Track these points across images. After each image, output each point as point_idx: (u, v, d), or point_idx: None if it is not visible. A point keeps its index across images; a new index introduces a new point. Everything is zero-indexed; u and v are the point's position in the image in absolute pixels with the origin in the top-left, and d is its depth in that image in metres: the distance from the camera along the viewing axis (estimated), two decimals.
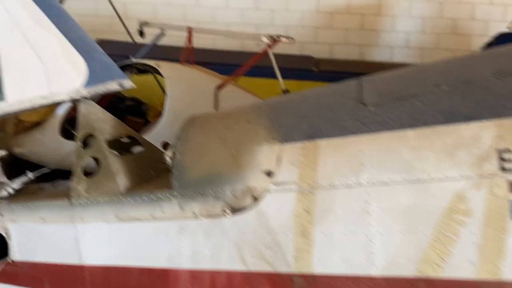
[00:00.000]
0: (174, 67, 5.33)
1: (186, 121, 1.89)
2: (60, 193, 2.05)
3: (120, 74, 2.10)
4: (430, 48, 7.51)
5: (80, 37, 2.10)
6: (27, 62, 2.08)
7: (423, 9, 7.28)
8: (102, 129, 2.05)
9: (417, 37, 7.48)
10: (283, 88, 5.39)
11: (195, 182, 1.73)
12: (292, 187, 1.59)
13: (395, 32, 7.44)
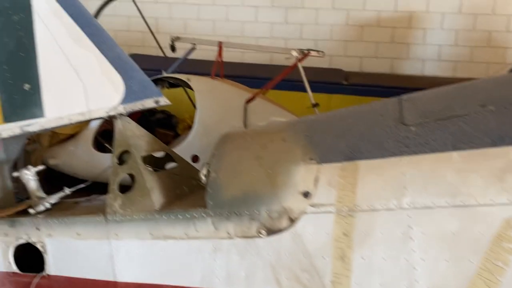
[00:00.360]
0: (204, 81, 5.38)
1: (220, 138, 1.88)
2: (95, 209, 2.07)
3: (156, 91, 2.13)
4: (463, 61, 7.33)
5: (118, 55, 2.13)
6: (67, 80, 2.13)
7: (456, 21, 7.13)
8: (137, 145, 2.06)
9: (450, 50, 7.32)
10: (313, 102, 5.36)
11: (229, 201, 1.71)
12: (330, 209, 1.55)
13: (427, 45, 7.31)
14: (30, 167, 2.24)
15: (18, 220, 2.16)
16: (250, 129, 1.92)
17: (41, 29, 2.14)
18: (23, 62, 2.17)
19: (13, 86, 2.18)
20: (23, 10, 2.15)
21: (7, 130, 2.22)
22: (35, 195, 2.20)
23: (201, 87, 5.19)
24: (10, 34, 2.17)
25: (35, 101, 2.16)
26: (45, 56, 2.14)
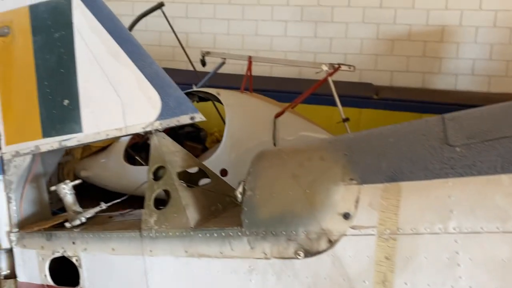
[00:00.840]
0: (234, 95, 5.40)
1: (256, 156, 1.86)
2: (130, 224, 2.07)
3: (192, 108, 2.13)
4: (498, 75, 7.14)
5: (155, 72, 2.16)
6: (105, 96, 2.16)
7: (490, 35, 6.96)
8: (173, 161, 2.07)
9: (484, 64, 7.14)
10: (343, 117, 5.30)
11: (266, 220, 1.69)
12: (372, 231, 1.50)
13: (460, 59, 7.15)
14: (68, 181, 2.28)
15: (54, 234, 2.19)
16: (285, 147, 1.89)
17: (81, 46, 2.19)
18: (63, 78, 2.22)
19: (52, 102, 2.24)
20: (64, 28, 2.21)
21: (46, 145, 2.27)
22: (71, 209, 2.23)
23: (230, 101, 5.21)
24: (51, 51, 2.24)
25: (73, 116, 2.20)
26: (84, 72, 2.19)
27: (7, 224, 2.37)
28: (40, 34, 2.25)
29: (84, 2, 2.20)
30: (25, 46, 2.27)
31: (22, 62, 2.29)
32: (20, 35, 2.28)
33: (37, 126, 2.27)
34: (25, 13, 2.26)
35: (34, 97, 2.27)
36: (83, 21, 2.19)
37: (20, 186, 2.40)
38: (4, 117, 2.34)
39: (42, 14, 2.23)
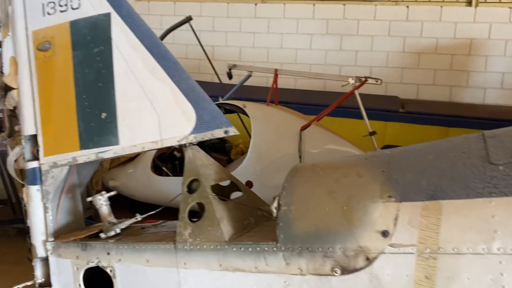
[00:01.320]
0: (260, 107, 5.44)
1: (291, 170, 1.86)
2: (165, 236, 2.10)
3: (226, 122, 2.15)
4: None
5: (191, 87, 2.19)
6: (142, 110, 2.21)
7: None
8: (206, 174, 2.09)
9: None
10: (370, 130, 5.26)
11: (302, 236, 1.68)
12: (411, 250, 1.48)
13: (488, 72, 7.04)
14: (104, 192, 2.32)
15: (90, 244, 2.23)
16: (319, 162, 1.89)
17: (119, 60, 2.25)
18: (101, 91, 2.27)
19: (91, 115, 2.29)
20: (103, 43, 2.27)
21: (83, 156, 2.32)
22: (106, 220, 2.27)
23: (256, 114, 5.25)
24: (90, 65, 2.30)
25: (111, 129, 2.25)
26: (122, 86, 2.24)
27: (43, 233, 2.43)
28: (80, 49, 2.31)
29: (123, 18, 2.26)
30: (65, 61, 2.34)
31: (61, 76, 2.35)
32: (61, 50, 2.35)
33: (75, 138, 2.33)
34: (65, 28, 2.33)
35: (72, 110, 2.33)
36: (122, 36, 2.25)
37: (56, 197, 2.45)
38: (43, 129, 2.40)
39: (82, 30, 2.30)
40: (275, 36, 7.58)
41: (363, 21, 7.17)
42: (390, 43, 7.11)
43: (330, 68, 7.27)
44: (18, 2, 2.41)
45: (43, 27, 2.38)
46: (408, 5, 6.93)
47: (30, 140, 2.46)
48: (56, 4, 2.35)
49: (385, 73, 7.00)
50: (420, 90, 7.17)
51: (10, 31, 2.47)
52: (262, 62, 7.53)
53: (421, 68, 7.11)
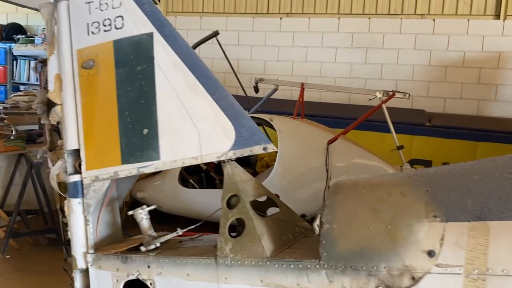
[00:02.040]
0: (286, 121, 5.48)
1: (332, 188, 1.88)
2: (205, 251, 2.13)
3: (265, 139, 2.19)
4: None
5: (230, 104, 2.24)
6: (182, 126, 2.27)
7: None
8: (245, 190, 2.13)
9: None
10: (397, 144, 5.23)
11: (345, 254, 1.70)
12: (458, 270, 1.48)
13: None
14: (144, 206, 2.38)
15: (130, 257, 2.28)
16: (361, 180, 1.90)
17: (161, 79, 2.32)
18: (143, 108, 2.35)
19: (133, 130, 2.36)
20: (146, 61, 2.35)
21: (125, 171, 2.39)
22: (147, 234, 2.32)
23: (283, 127, 5.28)
24: (132, 83, 2.38)
25: (152, 145, 2.32)
26: (164, 103, 2.31)
27: (84, 245, 2.49)
28: (123, 67, 2.39)
29: (165, 37, 2.34)
30: (109, 78, 2.42)
31: (105, 92, 2.44)
32: (104, 68, 2.43)
33: (117, 153, 2.40)
34: (109, 47, 2.42)
35: (115, 126, 2.40)
36: (164, 55, 2.32)
37: (97, 209, 2.52)
38: (85, 144, 2.48)
39: (125, 49, 2.38)
40: (299, 50, 7.64)
41: (388, 34, 7.17)
42: (416, 56, 7.08)
43: (355, 81, 7.27)
44: (63, 22, 2.51)
45: (88, 46, 2.47)
46: (435, 18, 6.91)
47: (72, 154, 2.54)
48: (100, 24, 2.44)
49: (411, 86, 6.96)
50: (447, 103, 7.10)
51: (56, 49, 2.57)
52: (286, 75, 7.59)
53: (448, 81, 7.05)
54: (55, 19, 2.56)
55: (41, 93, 2.98)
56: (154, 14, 2.37)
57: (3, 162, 5.46)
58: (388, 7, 7.10)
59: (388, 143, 6.30)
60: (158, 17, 2.37)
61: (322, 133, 5.28)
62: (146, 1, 2.38)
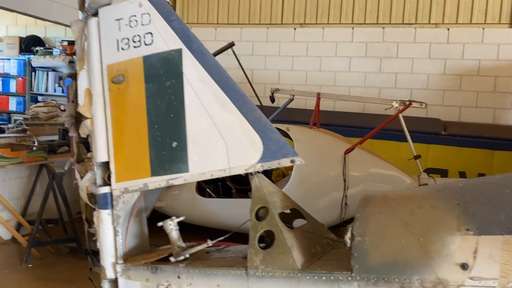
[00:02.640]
0: (303, 130, 5.52)
1: (362, 201, 1.92)
2: (234, 261, 2.17)
3: (292, 151, 2.24)
4: None
5: (258, 118, 2.29)
6: (211, 139, 2.32)
7: None
8: (273, 202, 2.17)
9: None
10: (414, 154, 5.24)
11: (378, 267, 1.72)
12: (493, 283, 1.50)
13: None
14: (174, 217, 2.43)
15: (160, 267, 2.33)
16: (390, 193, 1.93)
17: (190, 93, 2.38)
18: (173, 122, 2.40)
19: (162, 143, 2.42)
20: (175, 77, 2.41)
21: (154, 183, 2.45)
22: (176, 244, 2.37)
23: (300, 137, 5.32)
24: (162, 97, 2.44)
25: (181, 157, 2.37)
26: (193, 117, 2.36)
27: (113, 256, 2.55)
28: (152, 82, 2.46)
29: (193, 53, 2.40)
30: (138, 93, 2.49)
31: (134, 106, 2.50)
32: (134, 83, 2.50)
33: (146, 165, 2.46)
34: (139, 63, 2.49)
35: (144, 139, 2.46)
36: (192, 70, 2.38)
37: (126, 221, 2.58)
38: (115, 156, 2.54)
39: (155, 64, 2.45)
40: (313, 59, 7.69)
41: (402, 43, 7.20)
42: (430, 65, 7.10)
43: (370, 90, 7.30)
44: (94, 39, 2.59)
45: (117, 61, 2.54)
46: (449, 27, 6.93)
47: (101, 167, 2.61)
48: (130, 40, 2.51)
49: (425, 95, 6.97)
50: (462, 112, 7.09)
51: (86, 64, 2.65)
52: (300, 85, 7.65)
53: (463, 90, 7.04)
54: (85, 35, 2.64)
55: (69, 106, 3.07)
56: (183, 31, 2.44)
57: (24, 172, 5.57)
58: (402, 17, 7.14)
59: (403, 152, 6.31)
60: (187, 34, 2.44)
61: (339, 143, 5.31)
62: (174, 18, 2.45)
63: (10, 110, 8.84)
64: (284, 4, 7.72)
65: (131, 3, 2.49)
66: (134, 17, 2.49)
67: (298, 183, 5.24)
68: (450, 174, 6.46)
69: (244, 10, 7.91)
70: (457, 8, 6.88)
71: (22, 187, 5.59)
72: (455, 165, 6.47)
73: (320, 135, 5.42)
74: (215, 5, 8.05)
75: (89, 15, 2.61)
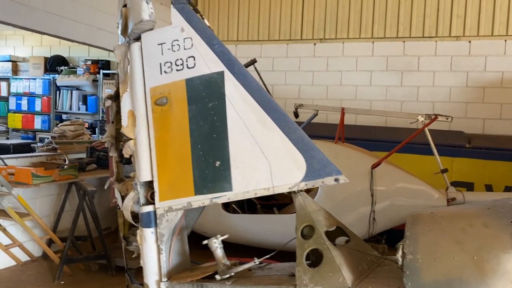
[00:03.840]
0: (328, 145, 5.53)
1: (410, 219, 1.94)
2: (279, 279, 2.20)
3: (336, 170, 2.28)
4: None
5: (300, 137, 2.35)
6: (254, 159, 2.38)
7: None
8: (319, 221, 2.20)
9: None
10: (441, 168, 5.23)
11: (431, 284, 1.74)
12: None
13: None
14: (219, 235, 2.47)
15: (206, 285, 2.38)
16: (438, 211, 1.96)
17: (232, 114, 2.44)
18: (216, 142, 2.47)
19: (205, 163, 2.48)
20: (217, 98, 2.48)
21: (198, 201, 2.50)
22: (221, 262, 2.41)
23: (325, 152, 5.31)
24: (205, 118, 2.51)
25: (224, 176, 2.43)
26: (235, 137, 2.43)
27: (157, 274, 2.60)
28: (195, 103, 2.53)
29: (235, 75, 2.47)
30: (181, 114, 2.56)
31: (177, 127, 2.57)
32: (177, 104, 2.58)
33: (190, 184, 2.52)
34: (182, 86, 2.57)
35: (188, 159, 2.53)
36: (235, 92, 2.45)
37: (169, 239, 2.64)
38: (158, 176, 2.61)
39: (198, 87, 2.53)
40: (334, 74, 7.75)
41: (423, 57, 7.22)
42: (452, 78, 7.09)
43: (391, 104, 7.31)
44: (137, 62, 2.68)
45: (160, 84, 2.62)
46: (470, 40, 6.94)
47: (144, 186, 2.67)
48: (172, 63, 2.60)
49: (448, 108, 6.96)
50: (486, 124, 7.04)
51: (128, 87, 2.74)
52: (321, 99, 7.70)
53: (486, 102, 7.01)
54: (128, 59, 2.73)
55: (109, 127, 3.16)
56: (224, 54, 2.52)
57: (54, 190, 5.68)
58: (422, 30, 7.17)
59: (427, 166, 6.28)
60: (228, 57, 2.52)
61: (365, 157, 5.32)
62: (216, 42, 2.53)
63: (35, 128, 9.05)
64: (304, 20, 7.82)
65: (173, 28, 2.58)
66: (176, 41, 2.58)
67: (325, 198, 5.24)
68: (476, 187, 6.40)
69: (263, 27, 8.03)
70: (478, 21, 6.89)
71: (52, 204, 5.71)
72: (481, 178, 6.41)
73: (346, 149, 5.44)
74: (235, 23, 8.20)
75: (131, 40, 2.70)
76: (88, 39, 6.34)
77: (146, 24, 2.58)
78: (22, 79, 9.12)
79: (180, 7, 2.59)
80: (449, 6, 7.01)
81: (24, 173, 4.52)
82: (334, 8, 7.61)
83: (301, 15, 7.83)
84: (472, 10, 6.88)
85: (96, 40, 6.45)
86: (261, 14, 7.98)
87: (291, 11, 7.86)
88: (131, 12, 2.67)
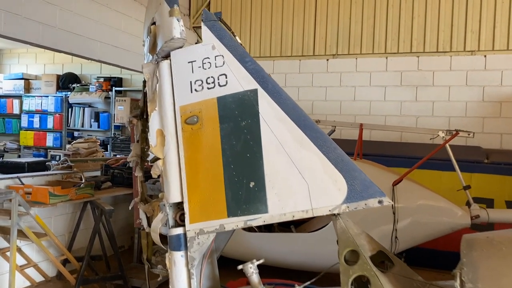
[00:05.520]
0: None
1: (466, 244, 1.85)
2: None
3: (379, 192, 2.18)
4: None
5: (339, 156, 2.26)
6: (291, 179, 2.29)
7: None
8: (363, 245, 2.11)
9: None
10: (463, 184, 5.12)
11: None
12: None
13: None
14: (254, 260, 2.38)
15: None
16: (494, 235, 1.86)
17: (267, 133, 2.36)
18: (249, 162, 2.38)
19: (238, 184, 2.39)
20: (251, 117, 2.40)
21: (231, 224, 2.41)
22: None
23: None
24: (237, 137, 2.43)
25: (259, 198, 2.33)
26: (270, 157, 2.34)
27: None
28: (227, 122, 2.45)
29: (269, 93, 2.40)
30: (213, 133, 2.48)
31: (209, 147, 2.49)
32: (208, 123, 2.50)
33: (222, 206, 2.42)
34: (213, 104, 2.50)
35: (220, 179, 2.44)
36: (269, 110, 2.38)
37: (200, 263, 2.53)
38: (189, 197, 2.52)
39: (230, 105, 2.45)
40: (347, 89, 7.70)
41: (438, 72, 7.16)
42: (468, 92, 7.03)
43: (406, 119, 7.23)
44: (166, 81, 2.61)
45: (191, 103, 2.54)
46: (486, 54, 6.89)
47: (172, 207, 2.58)
48: (203, 81, 2.53)
49: (464, 123, 6.87)
50: (504, 139, 6.95)
51: (157, 106, 2.67)
52: (334, 115, 7.63)
53: (504, 117, 6.92)
54: (157, 78, 2.67)
55: (134, 146, 3.09)
56: (257, 72, 2.45)
57: (69, 208, 5.61)
58: (436, 45, 7.13)
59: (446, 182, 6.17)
60: (261, 74, 2.45)
61: (386, 174, 5.23)
62: (248, 59, 2.47)
63: (47, 145, 9.02)
64: (316, 36, 7.80)
65: (204, 45, 2.52)
66: (207, 59, 2.51)
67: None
68: (496, 204, 6.28)
69: (276, 43, 8.02)
70: (493, 35, 6.85)
71: (67, 223, 5.62)
72: (501, 194, 6.28)
73: (366, 166, 5.35)
74: (247, 39, 8.19)
75: (159, 58, 2.65)
76: (104, 56, 6.34)
77: (177, 42, 2.52)
78: (34, 96, 9.13)
79: (211, 25, 2.54)
80: (463, 21, 6.98)
81: (41, 192, 4.45)
82: (346, 23, 7.60)
83: (314, 31, 7.82)
84: (486, 24, 6.85)
85: (110, 58, 6.45)
86: (273, 30, 7.98)
87: (303, 27, 7.85)
88: (160, 30, 2.61)
